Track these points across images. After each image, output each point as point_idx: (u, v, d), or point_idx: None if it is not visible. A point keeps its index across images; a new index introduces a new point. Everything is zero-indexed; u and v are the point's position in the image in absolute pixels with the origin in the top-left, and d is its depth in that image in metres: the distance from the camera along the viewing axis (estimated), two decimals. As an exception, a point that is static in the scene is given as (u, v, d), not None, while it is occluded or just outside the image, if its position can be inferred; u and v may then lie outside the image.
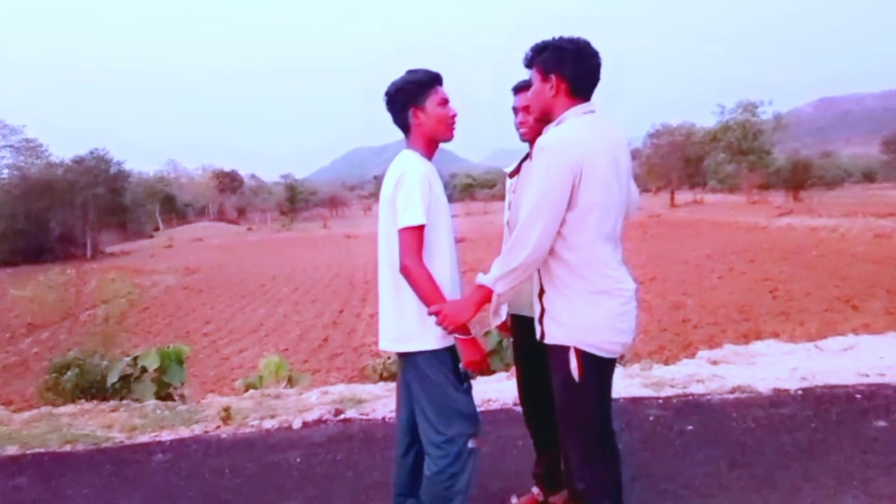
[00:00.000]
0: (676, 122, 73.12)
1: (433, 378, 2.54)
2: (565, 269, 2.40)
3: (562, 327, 2.43)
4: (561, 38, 2.44)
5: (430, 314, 2.44)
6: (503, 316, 2.89)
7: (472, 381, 2.72)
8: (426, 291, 2.44)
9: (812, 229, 34.20)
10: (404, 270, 2.45)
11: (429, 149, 2.64)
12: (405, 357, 2.62)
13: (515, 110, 2.95)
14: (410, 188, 2.44)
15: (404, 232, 2.44)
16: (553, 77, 2.43)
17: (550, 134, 2.41)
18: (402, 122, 2.63)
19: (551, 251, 2.38)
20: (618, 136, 2.46)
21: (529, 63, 2.53)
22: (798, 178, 58.72)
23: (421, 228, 2.45)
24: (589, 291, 2.38)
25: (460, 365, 2.62)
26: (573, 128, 2.38)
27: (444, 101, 2.61)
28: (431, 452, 2.58)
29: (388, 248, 2.55)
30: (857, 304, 17.01)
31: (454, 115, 2.64)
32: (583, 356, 2.39)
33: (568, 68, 2.41)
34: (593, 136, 2.37)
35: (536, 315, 2.53)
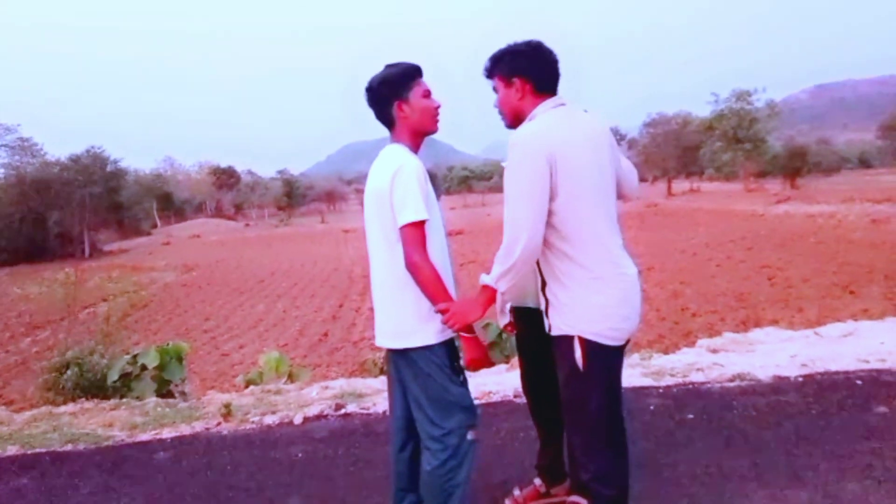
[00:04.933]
0: (672, 111, 73.14)
1: (430, 373, 2.52)
2: (563, 260, 2.41)
3: (565, 317, 2.43)
4: (515, 44, 2.52)
5: (437, 311, 2.43)
6: (509, 315, 2.87)
7: (473, 374, 2.71)
8: (434, 288, 2.42)
9: (809, 216, 34.21)
10: (412, 267, 2.41)
11: (415, 142, 2.61)
12: (399, 353, 2.58)
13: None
14: (408, 183, 2.41)
15: (408, 228, 2.41)
16: (516, 80, 2.51)
17: (521, 129, 2.46)
18: (387, 117, 2.59)
19: (548, 244, 2.40)
20: (594, 123, 2.52)
21: (490, 74, 2.60)
22: (794, 165, 58.70)
23: (423, 223, 2.43)
24: (589, 278, 2.39)
25: (460, 360, 2.61)
26: (544, 121, 2.44)
27: (428, 93, 2.59)
28: (431, 447, 2.56)
29: (384, 244, 2.52)
30: (856, 289, 17.00)
31: (438, 107, 2.61)
32: (587, 345, 2.39)
33: (529, 69, 2.49)
34: (565, 126, 2.42)
35: (543, 308, 2.54)
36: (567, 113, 2.48)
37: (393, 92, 2.55)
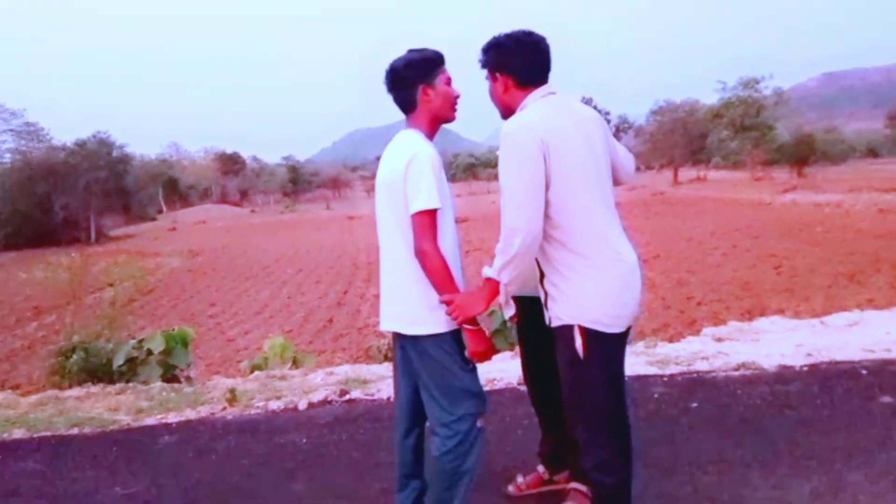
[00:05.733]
0: (680, 98, 72.77)
1: (440, 360, 2.52)
2: (560, 249, 2.41)
3: (564, 307, 2.43)
4: (500, 36, 2.52)
5: (442, 302, 2.43)
6: (514, 306, 2.84)
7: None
8: (441, 278, 2.43)
9: (816, 205, 34.06)
10: (422, 255, 2.42)
11: (432, 129, 2.61)
12: (409, 339, 2.58)
13: None
14: (422, 171, 2.41)
15: (420, 216, 2.41)
16: (499, 75, 2.53)
17: (512, 120, 2.46)
18: (408, 100, 2.58)
19: (544, 234, 2.39)
20: (584, 111, 2.55)
21: (483, 65, 2.60)
22: (802, 154, 58.42)
23: (435, 212, 2.43)
24: (586, 266, 2.39)
25: (465, 352, 2.61)
26: (534, 111, 2.45)
27: (450, 81, 2.59)
28: (440, 432, 2.56)
29: (398, 231, 2.51)
30: (862, 279, 16.92)
31: (458, 96, 2.62)
32: (587, 333, 2.39)
33: (510, 63, 2.50)
34: (555, 115, 2.43)
35: (543, 301, 2.54)
36: (558, 101, 2.48)
37: (419, 75, 2.54)
